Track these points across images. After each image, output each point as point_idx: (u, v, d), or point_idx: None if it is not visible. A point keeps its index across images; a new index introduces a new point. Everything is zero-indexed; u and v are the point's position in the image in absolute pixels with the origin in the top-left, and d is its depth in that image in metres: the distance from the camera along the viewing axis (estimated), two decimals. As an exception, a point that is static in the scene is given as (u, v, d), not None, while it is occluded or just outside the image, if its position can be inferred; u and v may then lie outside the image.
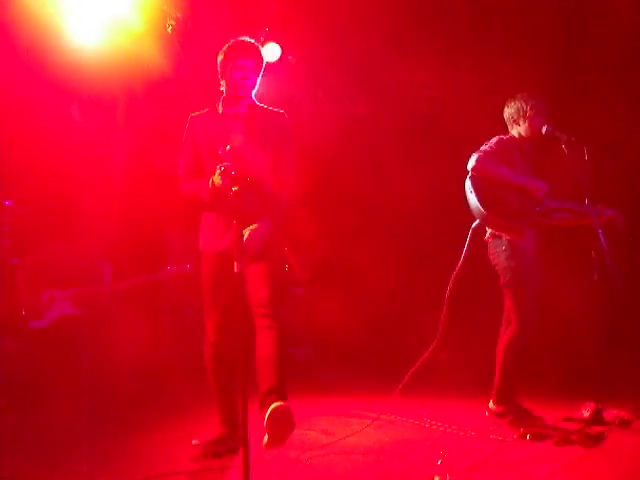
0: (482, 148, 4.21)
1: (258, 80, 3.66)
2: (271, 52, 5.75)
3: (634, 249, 5.45)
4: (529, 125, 4.23)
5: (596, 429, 3.97)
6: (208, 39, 4.83)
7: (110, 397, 4.57)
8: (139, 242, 5.65)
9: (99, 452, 3.70)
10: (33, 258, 4.99)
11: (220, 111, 3.69)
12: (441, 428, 4.15)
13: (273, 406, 3.23)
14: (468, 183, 4.19)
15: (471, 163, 4.16)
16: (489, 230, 4.27)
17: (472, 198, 4.17)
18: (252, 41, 3.68)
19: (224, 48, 3.65)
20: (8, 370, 4.34)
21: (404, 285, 6.16)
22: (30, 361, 4.60)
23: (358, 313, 5.89)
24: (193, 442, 3.67)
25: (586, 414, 4.13)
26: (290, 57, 5.82)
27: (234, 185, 3.05)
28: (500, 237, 4.21)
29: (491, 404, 4.25)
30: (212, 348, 3.68)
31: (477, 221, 4.24)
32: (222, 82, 3.67)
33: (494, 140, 4.25)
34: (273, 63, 5.66)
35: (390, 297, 6.14)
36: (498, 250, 4.22)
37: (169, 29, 5.31)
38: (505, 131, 4.34)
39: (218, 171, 3.32)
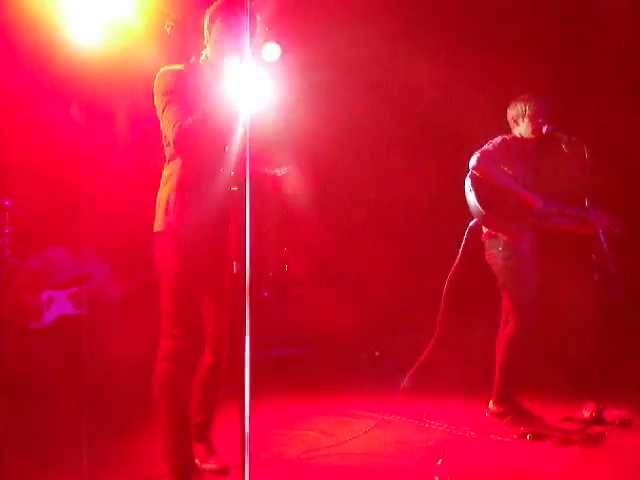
0: (484, 147, 4.21)
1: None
2: (271, 52, 5.74)
3: (632, 252, 5.44)
4: (529, 125, 4.23)
5: (596, 429, 3.97)
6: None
7: (110, 397, 4.56)
8: (138, 240, 5.64)
9: (99, 452, 3.70)
10: (33, 258, 4.99)
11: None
12: (441, 428, 4.15)
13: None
14: (468, 182, 4.19)
15: (472, 162, 4.16)
16: (485, 230, 4.27)
17: (471, 197, 4.16)
18: None
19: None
20: (8, 370, 4.34)
21: (404, 285, 6.16)
22: (30, 361, 4.60)
23: (358, 313, 5.89)
24: None
25: (586, 414, 4.14)
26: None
27: (234, 185, 3.02)
28: (497, 237, 4.20)
29: (491, 404, 4.25)
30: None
31: (474, 220, 4.24)
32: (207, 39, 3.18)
33: (497, 140, 4.25)
34: (273, 63, 5.66)
35: (390, 297, 6.13)
36: (495, 250, 4.21)
37: (168, 30, 5.31)
38: (507, 131, 4.34)
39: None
